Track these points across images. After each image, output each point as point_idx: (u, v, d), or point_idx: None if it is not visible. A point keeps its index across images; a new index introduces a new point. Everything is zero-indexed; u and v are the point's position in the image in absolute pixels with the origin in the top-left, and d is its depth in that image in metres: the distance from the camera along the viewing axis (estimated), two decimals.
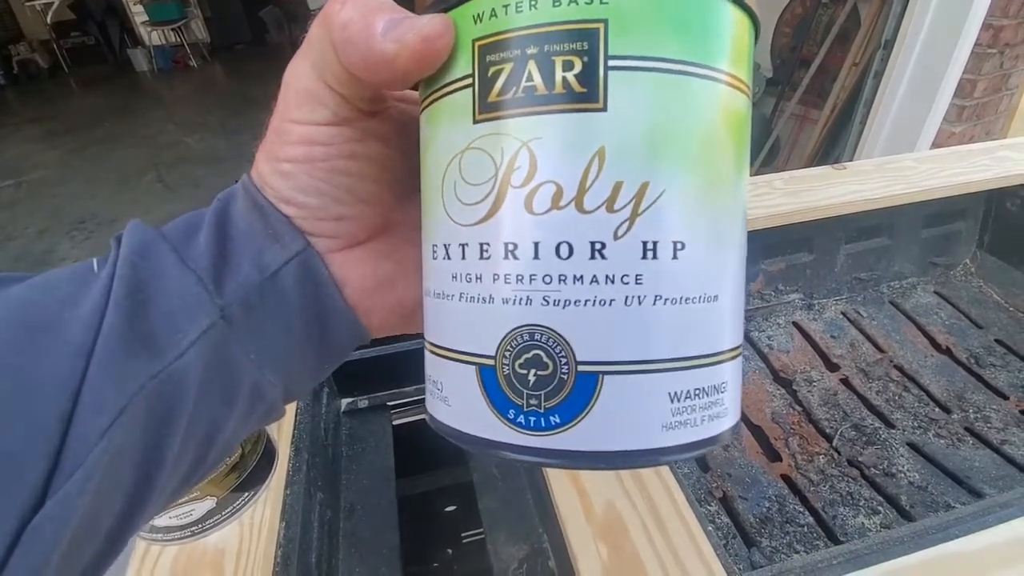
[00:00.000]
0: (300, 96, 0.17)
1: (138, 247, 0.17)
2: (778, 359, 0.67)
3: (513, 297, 0.13)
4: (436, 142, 0.15)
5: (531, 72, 0.13)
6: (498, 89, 0.13)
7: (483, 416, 0.14)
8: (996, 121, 1.78)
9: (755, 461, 0.56)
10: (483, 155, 0.13)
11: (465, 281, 0.14)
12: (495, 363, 0.13)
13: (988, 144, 0.79)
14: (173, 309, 0.16)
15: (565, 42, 0.12)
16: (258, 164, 0.18)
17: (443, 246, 0.14)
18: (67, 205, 2.93)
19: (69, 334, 0.15)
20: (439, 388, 0.15)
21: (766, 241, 0.71)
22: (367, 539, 0.49)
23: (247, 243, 0.17)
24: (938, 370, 0.66)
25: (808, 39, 2.35)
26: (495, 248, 0.13)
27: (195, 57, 5.35)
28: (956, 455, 0.56)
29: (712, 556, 0.31)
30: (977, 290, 0.77)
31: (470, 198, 0.14)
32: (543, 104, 0.12)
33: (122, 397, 0.15)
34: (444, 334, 0.15)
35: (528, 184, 0.13)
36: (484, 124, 0.13)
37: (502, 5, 0.13)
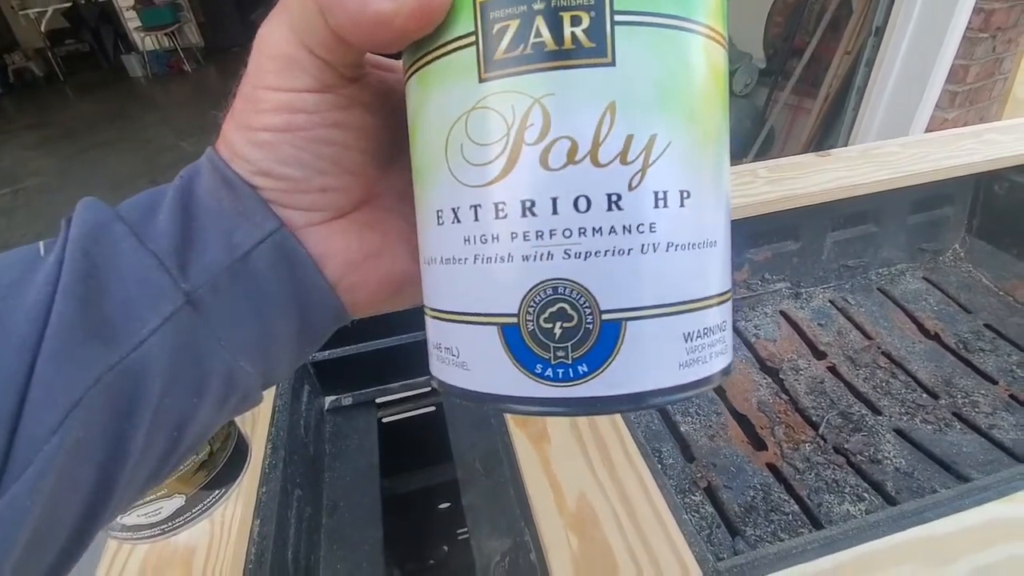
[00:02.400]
0: (277, 62, 0.15)
1: (90, 229, 0.15)
2: (765, 348, 0.67)
3: (534, 253, 0.13)
4: (433, 104, 0.14)
5: (539, 28, 0.12)
6: (505, 46, 0.13)
7: (508, 374, 0.14)
8: (990, 107, 1.77)
9: (740, 450, 0.56)
10: (492, 114, 0.13)
11: (480, 243, 0.14)
12: (518, 320, 0.14)
13: (975, 128, 0.79)
14: (131, 295, 0.15)
15: (562, 7, 0.12)
16: (227, 135, 0.17)
17: (451, 210, 0.14)
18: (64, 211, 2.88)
19: (12, 324, 0.14)
20: (454, 354, 0.15)
21: (751, 230, 0.70)
22: (350, 536, 0.49)
23: (214, 222, 0.16)
24: (926, 356, 0.66)
25: (800, 28, 2.34)
26: (511, 206, 0.13)
27: (189, 61, 5.34)
28: (943, 440, 0.56)
29: (683, 544, 0.30)
30: (966, 275, 0.77)
31: (480, 158, 0.13)
32: (554, 60, 0.13)
33: (75, 391, 0.14)
34: (457, 299, 0.15)
35: (543, 140, 0.13)
36: (492, 83, 0.13)
37: None
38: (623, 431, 0.41)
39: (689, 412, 0.60)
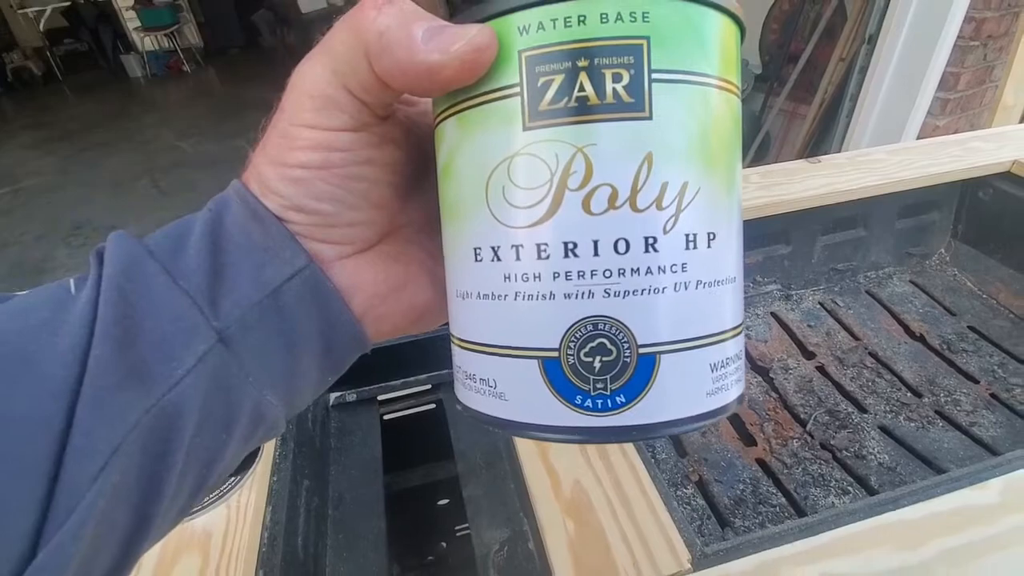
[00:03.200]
0: (316, 101, 0.16)
1: (124, 266, 0.15)
2: (756, 348, 0.69)
3: (575, 292, 0.14)
4: (472, 147, 0.15)
5: (582, 83, 0.14)
6: (549, 98, 0.14)
7: (548, 405, 0.15)
8: (980, 114, 1.80)
9: (731, 446, 0.58)
10: (536, 160, 0.14)
11: (522, 281, 0.15)
12: (559, 354, 0.15)
13: (960, 136, 0.81)
14: (165, 335, 0.15)
15: (614, 56, 0.14)
16: (259, 169, 0.17)
17: (490, 248, 0.15)
18: (63, 211, 2.94)
19: (49, 368, 0.14)
20: (490, 385, 0.16)
21: (743, 233, 0.72)
22: (355, 526, 0.51)
23: (244, 257, 0.16)
24: (911, 356, 0.68)
25: (796, 35, 2.37)
26: (554, 247, 0.14)
27: (188, 62, 5.35)
28: (926, 437, 0.58)
29: (673, 528, 0.32)
30: (952, 278, 0.79)
31: (523, 201, 0.14)
32: (596, 113, 0.14)
33: (115, 436, 0.14)
34: (497, 333, 0.15)
35: (585, 187, 0.14)
36: (536, 131, 0.14)
37: (550, 19, 0.14)
38: None
39: None
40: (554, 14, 0.13)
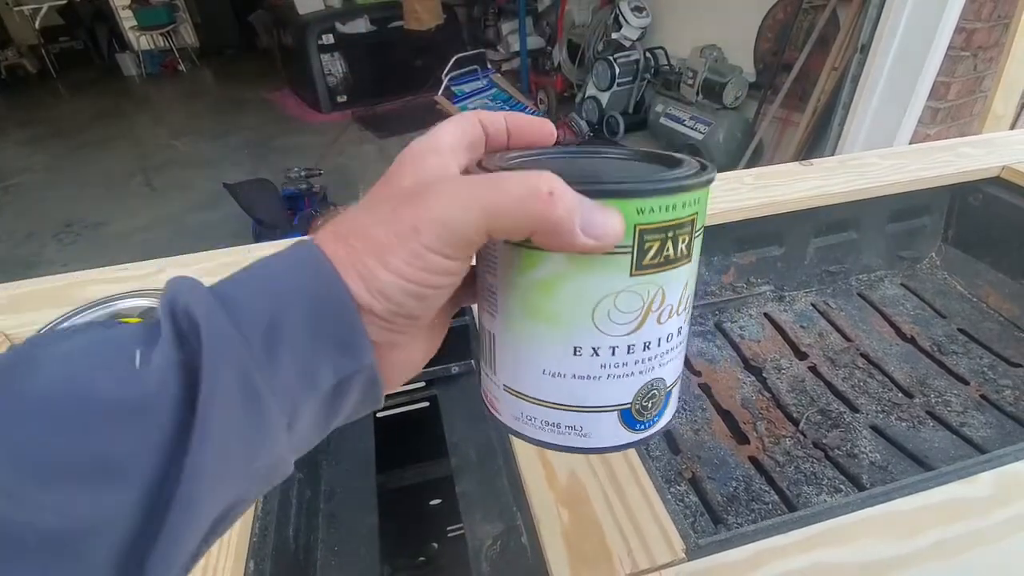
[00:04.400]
0: (461, 240, 0.18)
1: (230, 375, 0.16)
2: (749, 348, 0.70)
3: (645, 369, 0.22)
4: (584, 279, 0.20)
5: (668, 246, 0.20)
6: (649, 256, 0.20)
7: (617, 433, 0.23)
8: (970, 123, 1.82)
9: (724, 444, 0.58)
10: (635, 296, 0.20)
11: (612, 367, 0.21)
12: (631, 406, 0.22)
13: (950, 141, 0.82)
14: (255, 440, 0.16)
15: (685, 228, 0.20)
16: (371, 269, 0.18)
17: (591, 348, 0.21)
18: (54, 209, 2.92)
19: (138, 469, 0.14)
20: (576, 430, 0.23)
21: (737, 235, 0.73)
22: (347, 520, 0.50)
23: (325, 358, 0.18)
24: (902, 357, 0.69)
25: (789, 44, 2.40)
26: (638, 347, 0.21)
27: (184, 62, 5.34)
28: (917, 437, 0.59)
29: (667, 518, 0.32)
30: (942, 282, 0.80)
31: (622, 320, 0.21)
32: (671, 264, 0.21)
33: (198, 536, 0.16)
34: (587, 398, 0.22)
35: (660, 309, 0.21)
36: (638, 277, 0.20)
37: (659, 206, 0.19)
38: None
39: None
40: (661, 203, 0.19)
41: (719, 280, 0.75)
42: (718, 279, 0.75)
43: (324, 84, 3.92)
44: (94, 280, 0.55)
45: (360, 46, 3.90)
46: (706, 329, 0.73)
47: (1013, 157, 0.77)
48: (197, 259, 0.59)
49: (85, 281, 0.55)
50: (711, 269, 0.74)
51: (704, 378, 0.66)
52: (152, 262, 0.59)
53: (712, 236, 0.71)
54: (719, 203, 0.67)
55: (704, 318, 0.74)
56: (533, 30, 3.85)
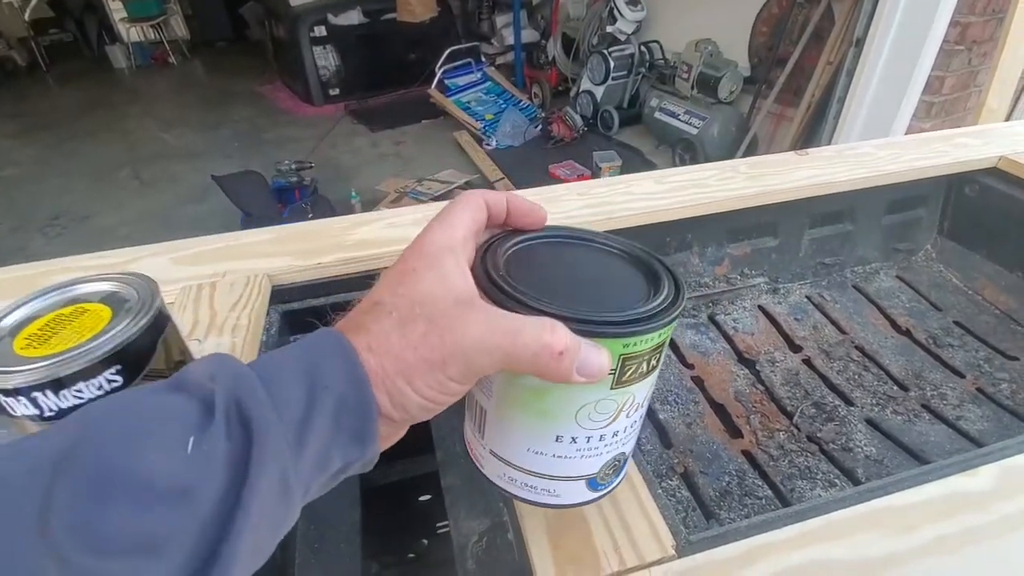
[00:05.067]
0: (475, 373, 0.22)
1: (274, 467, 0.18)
2: (743, 341, 0.68)
3: (611, 448, 0.27)
4: (570, 392, 0.24)
5: (642, 367, 0.25)
6: (628, 375, 0.24)
7: (583, 495, 0.28)
8: (964, 118, 1.82)
9: (717, 438, 0.57)
10: (612, 403, 0.25)
11: (587, 449, 0.26)
12: (596, 476, 0.28)
13: (947, 132, 0.81)
14: (280, 523, 0.19)
15: (657, 352, 0.25)
16: (394, 381, 0.21)
17: (571, 437, 0.26)
18: (41, 202, 2.87)
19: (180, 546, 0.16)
20: (549, 491, 0.28)
21: (731, 225, 0.72)
22: (328, 516, 0.49)
23: (339, 446, 0.20)
24: (898, 350, 0.68)
25: (784, 38, 2.39)
26: (608, 435, 0.26)
27: (174, 54, 5.27)
28: (912, 430, 0.58)
29: (656, 514, 0.31)
30: (937, 274, 0.79)
31: (599, 419, 0.25)
32: (643, 378, 0.25)
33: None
34: (561, 470, 0.27)
35: (630, 407, 0.26)
36: (616, 390, 0.25)
37: (641, 340, 0.24)
38: None
39: (668, 400, 0.61)
40: (644, 338, 0.24)
41: (712, 272, 0.74)
42: (712, 271, 0.74)
43: (316, 77, 3.88)
44: (66, 268, 0.53)
45: (353, 38, 3.86)
46: (699, 322, 0.72)
47: (1010, 147, 0.76)
48: (178, 246, 0.57)
49: (56, 270, 0.53)
50: (705, 260, 0.73)
51: (697, 371, 0.65)
52: (128, 250, 0.57)
53: (706, 227, 0.69)
54: (714, 193, 0.66)
55: (697, 310, 0.73)
56: (528, 23, 3.82)
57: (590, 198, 0.66)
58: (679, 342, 0.68)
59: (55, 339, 0.28)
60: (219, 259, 0.55)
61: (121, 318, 0.29)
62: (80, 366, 0.27)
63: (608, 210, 0.62)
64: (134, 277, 0.32)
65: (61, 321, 0.30)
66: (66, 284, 0.31)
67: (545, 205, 0.28)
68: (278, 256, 0.56)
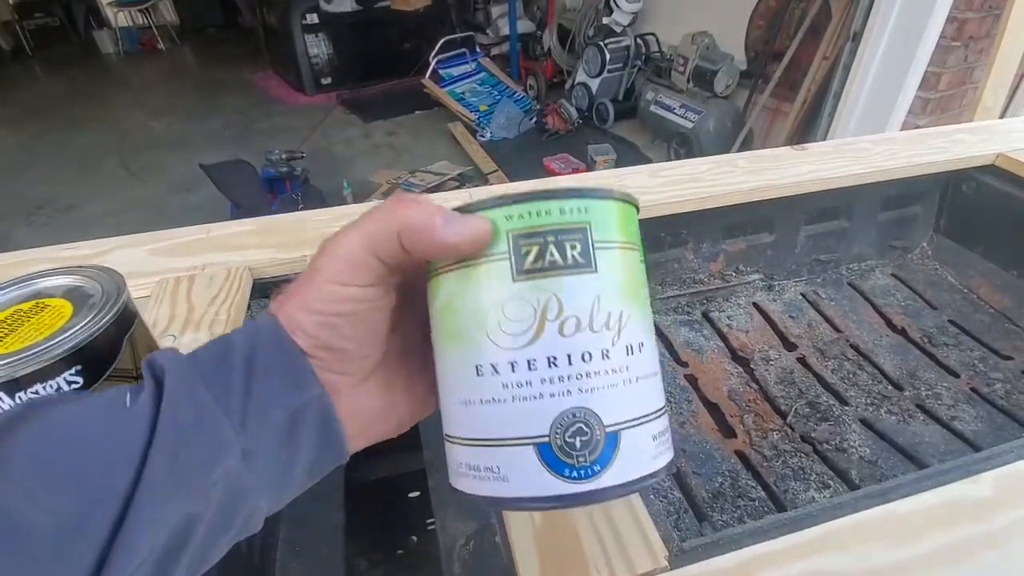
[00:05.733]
0: (350, 265, 0.20)
1: (181, 392, 0.19)
2: (737, 338, 0.67)
3: (558, 391, 0.19)
4: (472, 293, 0.20)
5: (552, 251, 0.20)
6: (530, 261, 0.20)
7: (542, 479, 0.19)
8: (960, 115, 1.82)
9: (710, 437, 0.56)
10: (523, 302, 0.20)
11: (517, 387, 0.20)
12: (549, 439, 0.19)
13: (945, 128, 0.80)
14: (208, 455, 0.18)
15: (570, 234, 0.20)
16: (292, 313, 0.21)
17: (490, 365, 0.20)
18: (26, 191, 2.82)
19: (109, 477, 0.17)
20: (494, 471, 0.20)
21: (727, 221, 0.70)
22: (310, 519, 0.47)
23: (272, 384, 0.20)
24: (892, 349, 0.67)
25: (781, 33, 2.37)
26: (540, 361, 0.19)
27: (163, 40, 5.18)
28: (907, 430, 0.57)
29: (648, 522, 0.30)
30: (933, 272, 0.78)
31: (515, 330, 0.20)
32: (561, 270, 0.20)
33: (155, 540, 0.17)
34: (499, 428, 0.20)
35: (559, 318, 0.20)
36: (522, 283, 0.20)
37: (527, 211, 0.20)
38: None
39: None
40: (529, 209, 0.20)
41: (707, 268, 0.72)
42: (706, 267, 0.72)
43: (308, 65, 3.82)
44: (35, 260, 0.51)
45: (345, 26, 3.80)
46: (693, 319, 0.71)
47: (1008, 145, 0.75)
48: (152, 238, 0.55)
49: (26, 260, 0.51)
50: (700, 256, 0.72)
51: (691, 369, 0.64)
52: (103, 241, 0.55)
53: (702, 222, 0.68)
54: (710, 187, 0.64)
55: (691, 307, 0.72)
56: (523, 14, 3.78)
57: None
58: (672, 340, 0.67)
59: (11, 337, 0.26)
60: (198, 251, 0.53)
61: (83, 314, 0.27)
62: (37, 365, 0.25)
63: None
64: (99, 271, 0.30)
65: (19, 317, 0.28)
66: (26, 278, 0.30)
67: None
68: (261, 248, 0.54)
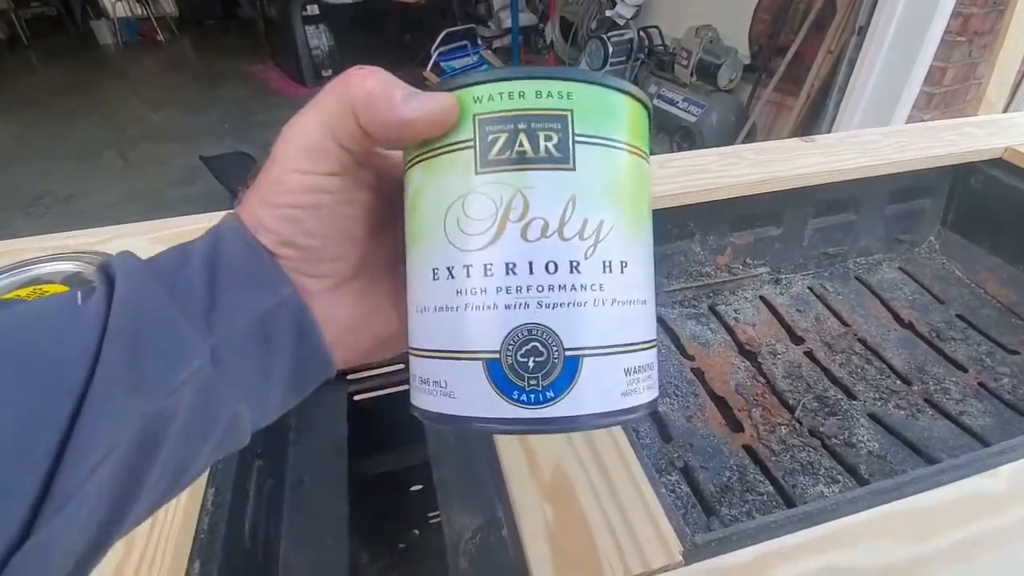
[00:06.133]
0: (308, 151, 0.19)
1: (134, 286, 0.17)
2: (744, 332, 0.67)
3: (514, 303, 0.17)
4: (434, 186, 0.18)
5: (522, 140, 0.17)
6: (496, 151, 0.17)
7: (490, 400, 0.17)
8: (963, 109, 1.81)
9: (717, 432, 0.56)
10: (485, 198, 0.17)
11: (470, 294, 0.18)
12: (499, 356, 0.17)
13: (954, 121, 0.79)
14: (167, 349, 0.17)
15: (546, 122, 0.17)
16: (254, 210, 0.19)
17: (446, 268, 0.18)
18: (23, 182, 2.80)
19: (60, 368, 0.15)
20: (441, 386, 0.18)
21: (734, 214, 0.70)
22: (314, 511, 0.47)
23: (238, 284, 0.18)
24: (900, 344, 0.66)
25: (785, 26, 2.36)
26: (498, 267, 0.17)
27: (162, 31, 5.14)
28: (915, 425, 0.57)
29: (662, 516, 0.29)
30: (940, 266, 0.78)
31: (473, 230, 0.17)
32: (532, 163, 0.17)
33: (113, 436, 0.16)
34: (448, 339, 0.18)
35: (523, 219, 0.17)
36: (485, 175, 0.17)
37: (497, 92, 0.17)
38: None
39: (667, 393, 0.59)
40: (500, 89, 0.17)
41: (714, 261, 0.72)
42: (713, 260, 0.72)
43: (308, 57, 3.79)
44: (33, 249, 0.50)
45: (346, 17, 3.77)
46: (700, 312, 0.70)
47: (1015, 138, 0.74)
48: (153, 227, 0.54)
49: (27, 248, 0.50)
50: (707, 249, 0.71)
51: (697, 363, 0.63)
52: (101, 230, 0.54)
53: (709, 214, 0.67)
54: (717, 179, 0.64)
55: (698, 300, 0.71)
56: (525, 6, 3.75)
57: None
58: (679, 333, 0.66)
59: None
60: None
61: None
62: None
63: None
64: (98, 257, 0.29)
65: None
66: (25, 263, 0.29)
67: None
68: None
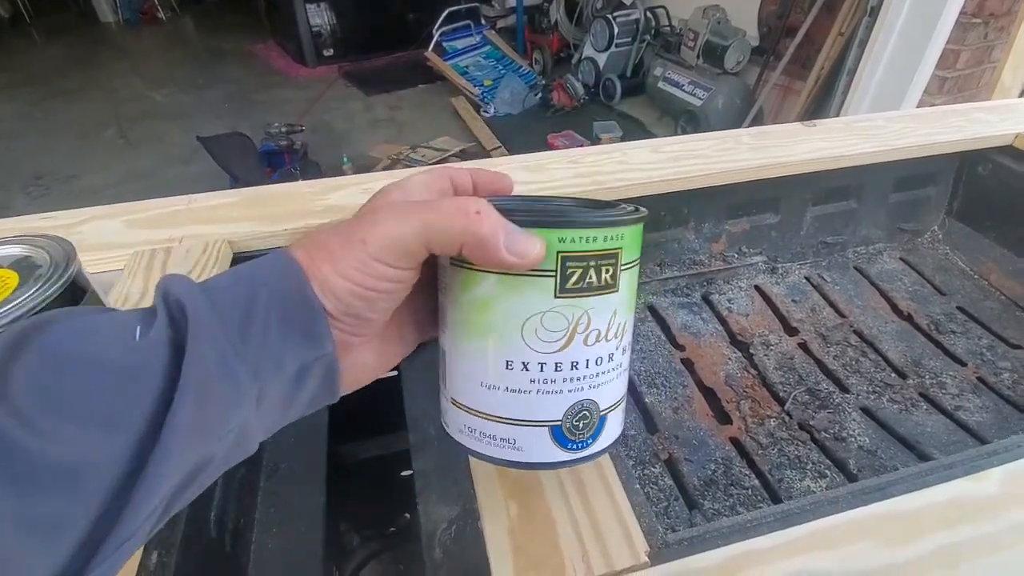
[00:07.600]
0: (402, 250, 0.21)
1: (206, 337, 0.18)
2: (737, 322, 0.65)
3: (574, 388, 0.24)
4: (514, 299, 0.23)
5: (591, 274, 0.23)
6: (572, 281, 0.23)
7: (550, 451, 0.25)
8: (977, 94, 1.76)
9: (704, 424, 0.54)
10: (560, 316, 0.23)
11: (542, 383, 0.24)
12: (561, 423, 0.25)
13: (962, 106, 0.76)
14: (227, 398, 0.19)
15: (606, 260, 0.23)
16: (325, 275, 0.21)
17: (521, 363, 0.23)
18: (24, 160, 2.79)
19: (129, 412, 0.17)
20: (511, 442, 0.25)
21: (730, 200, 0.68)
22: (289, 499, 0.46)
23: (292, 342, 0.20)
24: (897, 336, 0.65)
25: (795, 7, 2.30)
26: (566, 365, 0.24)
27: (163, 9, 5.08)
28: (908, 420, 0.55)
29: (631, 515, 0.28)
30: (943, 257, 0.76)
31: (549, 338, 0.23)
32: (595, 291, 0.23)
33: (173, 481, 0.18)
34: (520, 412, 0.24)
35: (586, 331, 0.23)
36: (562, 299, 0.23)
37: (578, 237, 0.22)
38: None
39: (655, 383, 0.58)
40: (582, 234, 0.22)
41: (708, 249, 0.70)
42: (707, 248, 0.70)
43: (310, 36, 3.75)
44: (9, 230, 0.49)
45: None
46: (692, 301, 0.68)
47: None
48: (133, 208, 0.53)
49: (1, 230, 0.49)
50: (701, 237, 0.69)
51: (687, 353, 0.62)
52: (80, 211, 0.53)
53: (704, 201, 0.65)
54: (713, 164, 0.61)
55: (691, 289, 0.69)
56: None
57: (582, 166, 0.61)
58: (669, 322, 0.65)
59: None
60: (177, 223, 0.51)
61: (29, 285, 0.26)
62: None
63: (599, 180, 0.58)
64: (49, 240, 0.28)
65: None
66: None
67: (532, 172, 0.28)
68: (241, 221, 0.52)
